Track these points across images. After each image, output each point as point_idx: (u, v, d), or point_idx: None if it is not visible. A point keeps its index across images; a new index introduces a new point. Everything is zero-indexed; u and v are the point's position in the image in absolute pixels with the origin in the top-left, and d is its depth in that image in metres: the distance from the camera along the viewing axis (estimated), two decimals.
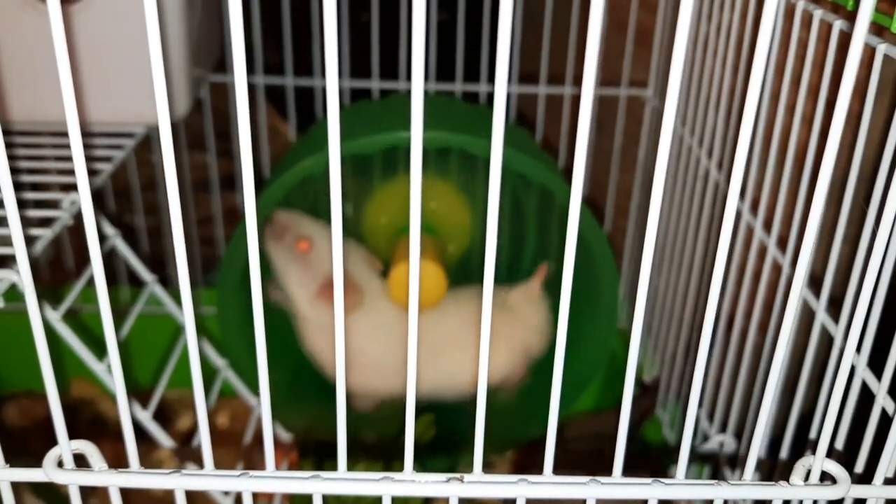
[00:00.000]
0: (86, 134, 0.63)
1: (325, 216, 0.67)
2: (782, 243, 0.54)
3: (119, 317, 0.60)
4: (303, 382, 0.70)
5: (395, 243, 0.70)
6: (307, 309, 0.67)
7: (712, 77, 0.65)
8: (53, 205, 0.52)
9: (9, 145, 0.61)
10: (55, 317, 0.50)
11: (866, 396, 0.42)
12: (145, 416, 0.55)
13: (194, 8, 0.66)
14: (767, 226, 0.56)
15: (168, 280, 0.74)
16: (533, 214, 0.74)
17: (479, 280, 0.31)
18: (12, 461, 0.35)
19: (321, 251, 0.66)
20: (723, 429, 0.62)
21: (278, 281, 0.67)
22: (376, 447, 0.70)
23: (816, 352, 0.50)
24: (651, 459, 0.73)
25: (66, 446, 0.34)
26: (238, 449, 0.70)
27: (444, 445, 0.71)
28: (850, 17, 0.45)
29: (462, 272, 0.73)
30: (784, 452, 0.52)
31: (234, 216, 0.92)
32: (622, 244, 0.88)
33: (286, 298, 0.68)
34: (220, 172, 0.87)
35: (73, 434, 0.34)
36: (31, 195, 0.54)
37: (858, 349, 0.43)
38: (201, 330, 0.73)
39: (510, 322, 0.69)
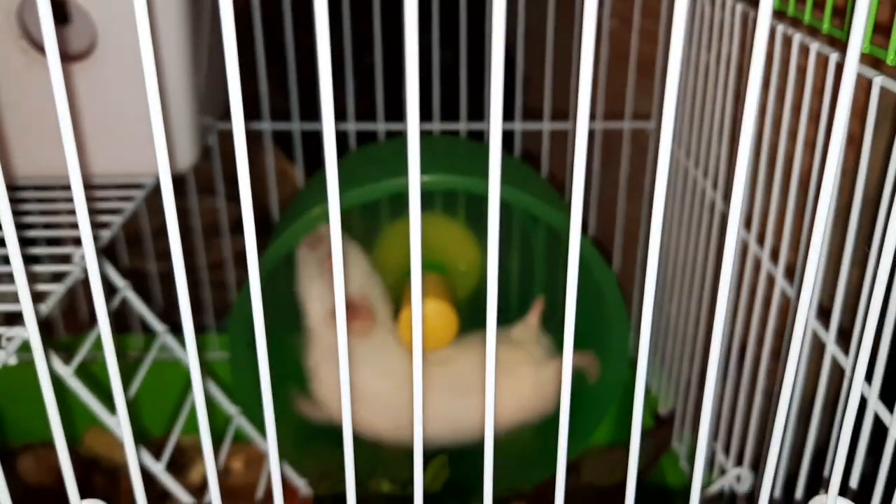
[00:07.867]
0: (95, 186, 0.64)
1: None
2: (790, 272, 0.54)
3: (131, 366, 0.60)
4: (314, 425, 0.70)
5: (405, 284, 0.70)
6: (320, 326, 0.67)
7: (714, 107, 0.65)
8: (67, 258, 0.52)
9: (21, 200, 0.62)
10: (67, 372, 0.51)
11: (880, 430, 0.42)
12: (159, 469, 0.55)
13: (200, 59, 0.67)
14: (774, 255, 0.56)
15: (180, 326, 0.74)
16: (541, 251, 0.74)
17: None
18: None
19: (349, 273, 0.65)
20: (739, 461, 0.62)
21: (300, 288, 0.66)
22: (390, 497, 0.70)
23: (828, 385, 0.49)
24: (667, 496, 0.72)
25: None
26: (252, 499, 0.70)
27: (460, 486, 0.70)
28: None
29: (473, 310, 0.73)
30: (800, 490, 0.51)
31: (245, 260, 0.92)
32: (633, 272, 0.88)
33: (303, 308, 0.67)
34: (230, 217, 0.88)
35: (89, 486, 0.34)
36: (44, 250, 0.54)
37: (869, 380, 0.42)
38: (213, 376, 0.73)
39: (518, 358, 0.69)
